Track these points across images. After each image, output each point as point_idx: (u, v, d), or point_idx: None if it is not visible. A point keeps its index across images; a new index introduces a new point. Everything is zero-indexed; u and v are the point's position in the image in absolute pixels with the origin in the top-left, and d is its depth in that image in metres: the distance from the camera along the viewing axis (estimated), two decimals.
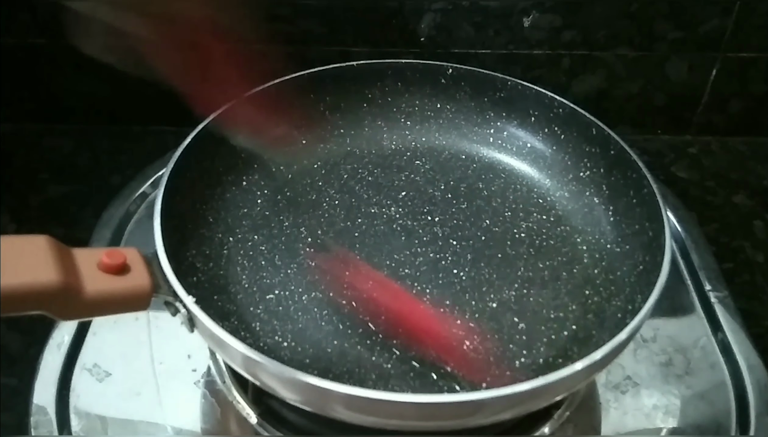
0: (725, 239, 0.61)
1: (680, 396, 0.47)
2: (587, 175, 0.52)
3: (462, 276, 0.47)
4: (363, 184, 0.54)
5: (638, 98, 0.70)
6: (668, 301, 0.53)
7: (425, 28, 0.65)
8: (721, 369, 0.48)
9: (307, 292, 0.45)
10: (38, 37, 0.65)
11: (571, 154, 0.53)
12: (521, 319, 0.44)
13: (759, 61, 0.68)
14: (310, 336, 0.43)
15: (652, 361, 0.49)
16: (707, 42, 0.66)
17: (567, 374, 0.34)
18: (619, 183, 0.49)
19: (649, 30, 0.65)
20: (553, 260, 0.48)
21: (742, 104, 0.70)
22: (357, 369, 0.41)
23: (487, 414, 0.35)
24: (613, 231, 0.49)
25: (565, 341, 0.43)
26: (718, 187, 0.67)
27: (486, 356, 0.42)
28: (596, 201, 0.51)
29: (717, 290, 0.53)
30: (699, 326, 0.51)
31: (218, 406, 0.45)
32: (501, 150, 0.57)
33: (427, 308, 0.44)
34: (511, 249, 0.49)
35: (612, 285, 0.46)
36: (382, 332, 0.43)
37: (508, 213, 0.52)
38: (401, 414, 0.35)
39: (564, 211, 0.52)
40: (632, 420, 0.45)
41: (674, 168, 0.69)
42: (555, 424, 0.44)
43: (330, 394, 0.34)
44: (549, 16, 0.64)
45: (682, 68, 0.68)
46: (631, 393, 0.47)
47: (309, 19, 0.65)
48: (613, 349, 0.36)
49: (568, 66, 0.67)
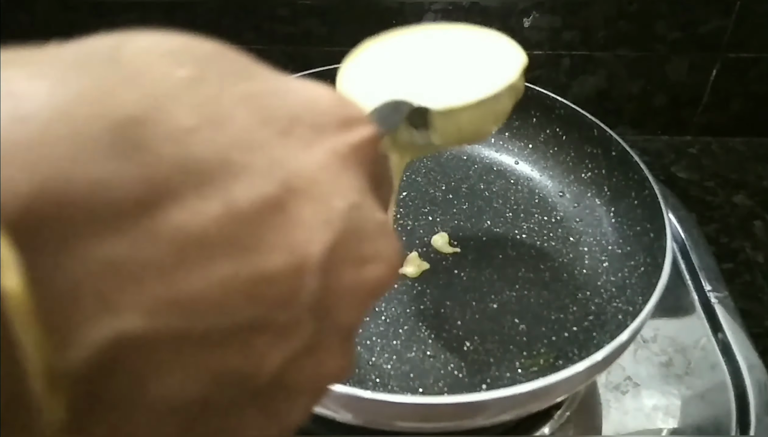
0: (725, 239, 0.61)
1: (680, 396, 0.47)
2: (589, 176, 0.52)
3: (463, 276, 0.47)
4: None
5: (638, 98, 0.70)
6: (668, 302, 0.53)
7: None
8: (721, 369, 0.48)
9: None
10: (38, 37, 0.65)
11: (573, 155, 0.53)
12: (522, 320, 0.44)
13: (759, 61, 0.68)
14: None
15: (652, 362, 0.49)
16: (707, 42, 0.66)
17: (568, 375, 0.34)
18: (620, 184, 0.49)
19: (649, 30, 0.65)
20: (554, 261, 0.48)
21: (742, 104, 0.70)
22: (357, 369, 0.41)
23: (487, 415, 0.35)
24: (614, 232, 0.49)
25: (565, 342, 0.43)
26: (718, 187, 0.67)
27: (486, 357, 0.42)
28: (597, 202, 0.51)
29: (717, 290, 0.53)
30: (699, 326, 0.51)
31: None
32: (502, 151, 0.57)
33: None
34: (512, 250, 0.49)
35: (613, 287, 0.46)
36: (382, 333, 0.43)
37: (509, 214, 0.52)
38: (402, 415, 0.35)
39: (565, 212, 0.52)
40: (632, 421, 0.45)
41: (674, 168, 0.69)
42: (555, 424, 0.44)
43: (330, 395, 0.34)
44: (549, 17, 0.64)
45: (682, 68, 0.68)
46: (632, 393, 0.47)
47: (309, 19, 0.65)
48: (614, 350, 0.36)
49: (568, 66, 0.67)
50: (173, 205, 0.12)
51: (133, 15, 0.63)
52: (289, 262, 0.14)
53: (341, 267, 0.15)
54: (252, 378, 0.14)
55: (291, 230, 0.14)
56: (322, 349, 0.15)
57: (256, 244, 0.13)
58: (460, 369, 0.41)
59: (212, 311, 0.13)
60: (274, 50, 0.66)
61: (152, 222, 0.12)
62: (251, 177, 0.13)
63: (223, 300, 0.13)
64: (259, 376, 0.14)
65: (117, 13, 0.63)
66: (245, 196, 0.13)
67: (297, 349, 0.14)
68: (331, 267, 0.15)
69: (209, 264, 0.12)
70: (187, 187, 0.12)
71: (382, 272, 0.16)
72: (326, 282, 0.14)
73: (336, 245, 0.15)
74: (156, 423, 0.13)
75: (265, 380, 0.14)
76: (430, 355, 0.42)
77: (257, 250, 0.13)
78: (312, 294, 0.14)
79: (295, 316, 0.14)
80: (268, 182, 0.14)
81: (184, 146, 0.13)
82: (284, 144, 0.15)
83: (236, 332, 0.13)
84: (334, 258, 0.15)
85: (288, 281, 0.14)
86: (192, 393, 0.13)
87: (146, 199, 0.12)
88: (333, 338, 0.15)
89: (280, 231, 0.14)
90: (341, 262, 0.15)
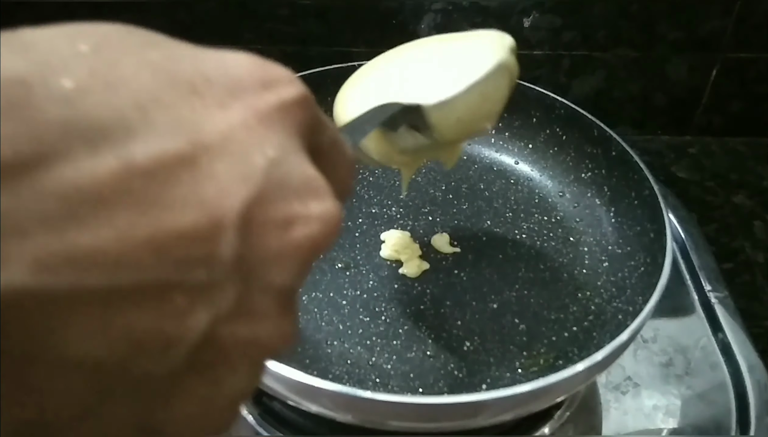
0: (725, 239, 0.61)
1: (680, 396, 0.47)
2: (589, 176, 0.52)
3: (463, 276, 0.47)
4: (364, 184, 0.54)
5: (638, 98, 0.70)
6: (668, 302, 0.53)
7: (425, 28, 0.65)
8: (722, 369, 0.48)
9: (307, 292, 0.45)
10: None
11: (573, 155, 0.53)
12: (522, 320, 0.44)
13: (759, 61, 0.68)
14: (310, 336, 0.43)
15: (652, 362, 0.48)
16: (707, 42, 0.66)
17: (568, 375, 0.34)
18: (620, 184, 0.49)
19: (649, 30, 0.65)
20: (554, 261, 0.48)
21: (742, 104, 0.70)
22: (357, 369, 0.41)
23: (487, 415, 0.35)
24: (614, 232, 0.49)
25: (565, 342, 0.43)
26: (718, 187, 0.67)
27: (486, 357, 0.42)
28: (597, 202, 0.51)
29: (717, 290, 0.53)
30: (699, 326, 0.51)
31: None
32: (502, 151, 0.57)
33: None
34: (512, 251, 0.49)
35: (613, 287, 0.46)
36: (381, 333, 0.43)
37: (509, 214, 0.52)
38: (402, 415, 0.35)
39: (565, 212, 0.52)
40: (632, 421, 0.45)
41: (674, 168, 0.69)
42: (555, 424, 0.44)
43: (330, 395, 0.34)
44: (549, 17, 0.64)
45: (682, 68, 0.68)
46: (632, 393, 0.47)
47: (309, 19, 0.65)
48: (614, 351, 0.36)
49: (569, 66, 0.67)
50: (62, 162, 0.12)
51: (133, 15, 0.63)
52: (202, 219, 0.13)
53: (265, 225, 0.14)
54: (177, 340, 0.13)
55: (202, 185, 0.13)
56: (256, 313, 0.15)
57: (159, 199, 0.13)
58: (460, 369, 0.41)
59: (112, 267, 0.12)
60: (274, 50, 0.66)
61: (39, 178, 0.12)
62: (153, 134, 0.13)
63: (124, 255, 0.12)
64: (185, 338, 0.13)
65: (117, 13, 0.62)
66: (145, 151, 0.13)
67: (225, 311, 0.14)
68: (252, 225, 0.14)
69: (105, 219, 0.12)
70: (77, 144, 0.12)
71: (313, 231, 0.15)
72: (248, 241, 0.14)
73: (256, 202, 0.14)
74: (61, 380, 0.12)
75: (194, 342, 0.14)
76: (430, 355, 0.42)
77: (162, 205, 0.13)
78: (232, 253, 0.14)
79: (215, 276, 0.14)
80: (173, 139, 0.13)
81: (74, 106, 0.12)
82: (194, 104, 0.14)
83: (145, 290, 0.13)
84: (255, 215, 0.14)
85: (202, 238, 0.13)
86: (101, 352, 0.12)
87: (31, 156, 0.12)
88: (267, 301, 0.15)
89: (189, 186, 0.13)
90: (264, 221, 0.14)
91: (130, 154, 0.13)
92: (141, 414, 0.14)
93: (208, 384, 0.14)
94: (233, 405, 0.15)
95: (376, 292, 0.46)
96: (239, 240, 0.14)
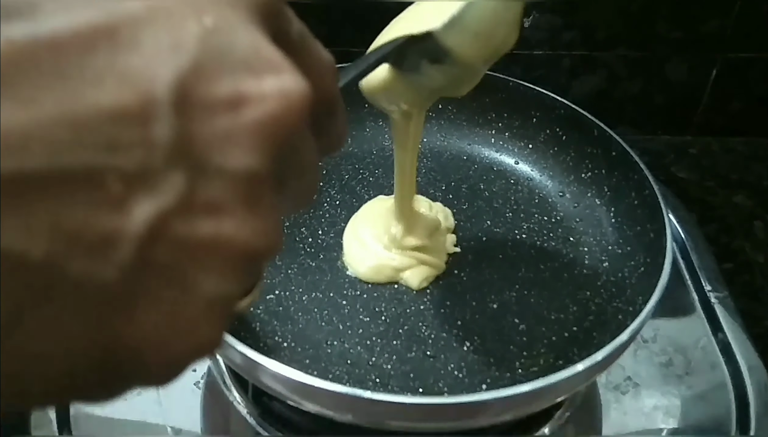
0: (725, 239, 0.61)
1: (680, 396, 0.47)
2: (589, 176, 0.52)
3: (463, 276, 0.47)
4: (364, 184, 0.54)
5: (638, 98, 0.70)
6: (668, 302, 0.53)
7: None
8: (722, 369, 0.48)
9: (307, 292, 0.45)
10: None
11: (573, 155, 0.53)
12: (522, 320, 0.44)
13: (759, 61, 0.68)
14: (310, 336, 0.43)
15: (652, 362, 0.49)
16: (707, 42, 0.66)
17: (568, 375, 0.34)
18: (620, 184, 0.49)
19: (649, 30, 0.65)
20: (554, 261, 0.48)
21: (742, 104, 0.70)
22: (357, 369, 0.41)
23: (488, 415, 0.35)
24: (615, 232, 0.49)
25: (565, 342, 0.43)
26: (718, 187, 0.67)
27: (486, 357, 0.42)
28: (597, 202, 0.51)
29: (717, 290, 0.53)
30: (699, 326, 0.51)
31: (218, 406, 0.45)
32: (502, 151, 0.57)
33: None
34: (512, 251, 0.49)
35: (613, 287, 0.46)
36: (381, 333, 0.43)
37: (509, 214, 0.52)
38: (402, 415, 0.35)
39: (565, 212, 0.52)
40: (632, 421, 0.45)
41: (674, 168, 0.69)
42: (555, 424, 0.44)
43: (330, 395, 0.34)
44: (549, 16, 0.64)
45: (682, 68, 0.68)
46: (632, 393, 0.47)
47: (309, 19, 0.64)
48: (614, 351, 0.36)
49: (569, 66, 0.67)
50: None
51: None
52: (127, 93, 0.12)
53: (208, 103, 0.13)
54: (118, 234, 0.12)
55: (123, 56, 0.12)
56: (214, 206, 0.13)
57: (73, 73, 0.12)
58: (460, 369, 0.41)
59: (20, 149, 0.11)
60: None
61: None
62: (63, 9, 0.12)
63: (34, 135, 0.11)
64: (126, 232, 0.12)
65: None
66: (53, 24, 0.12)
67: (174, 202, 0.13)
68: (191, 101, 0.13)
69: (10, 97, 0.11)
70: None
71: (270, 109, 0.14)
72: (190, 120, 0.13)
73: (192, 74, 0.13)
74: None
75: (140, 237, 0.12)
76: (430, 355, 0.42)
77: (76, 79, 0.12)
78: (170, 133, 0.12)
79: (154, 161, 0.12)
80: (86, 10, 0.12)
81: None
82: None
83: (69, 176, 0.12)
84: (194, 91, 0.13)
85: (131, 115, 0.12)
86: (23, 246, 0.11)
87: None
88: (224, 191, 0.13)
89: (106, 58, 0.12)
90: (206, 97, 0.13)
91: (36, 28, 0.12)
92: (98, 327, 0.13)
93: (174, 286, 0.13)
94: (210, 313, 0.14)
95: (376, 292, 0.46)
96: (177, 119, 0.12)
